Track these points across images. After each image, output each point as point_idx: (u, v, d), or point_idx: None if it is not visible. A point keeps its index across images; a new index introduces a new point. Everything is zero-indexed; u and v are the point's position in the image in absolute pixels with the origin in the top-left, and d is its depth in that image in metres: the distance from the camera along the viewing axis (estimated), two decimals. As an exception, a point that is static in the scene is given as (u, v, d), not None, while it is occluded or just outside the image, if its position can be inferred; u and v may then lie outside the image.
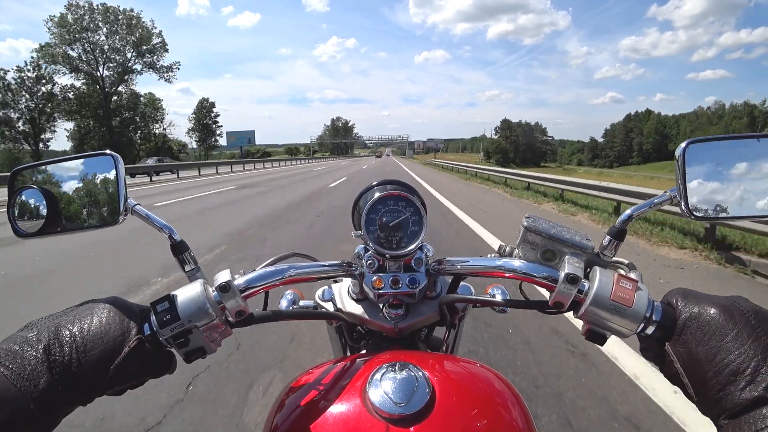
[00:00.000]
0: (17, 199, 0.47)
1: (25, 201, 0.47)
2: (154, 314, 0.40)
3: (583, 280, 0.42)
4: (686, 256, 3.91)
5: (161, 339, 0.39)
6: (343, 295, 0.58)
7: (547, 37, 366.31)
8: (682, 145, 0.43)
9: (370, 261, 0.52)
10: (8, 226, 0.48)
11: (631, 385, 1.75)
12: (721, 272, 3.46)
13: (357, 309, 0.56)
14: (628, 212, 0.45)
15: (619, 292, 0.39)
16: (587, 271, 0.44)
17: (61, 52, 36.21)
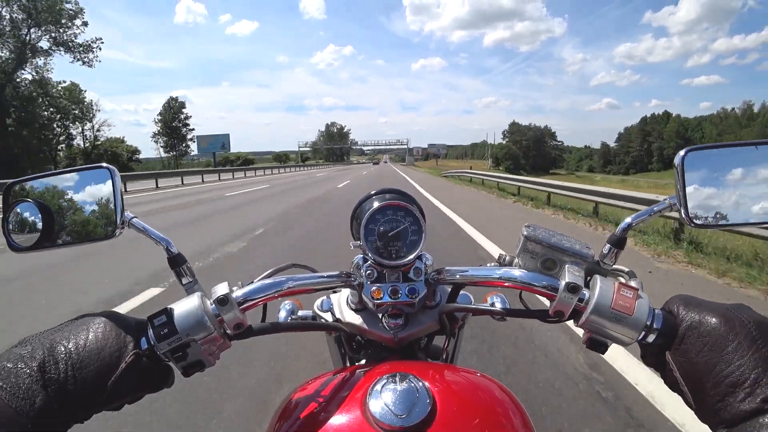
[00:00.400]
0: (12, 213, 0.47)
1: (21, 214, 0.47)
2: (151, 328, 0.40)
3: (583, 289, 0.42)
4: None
5: (159, 353, 0.40)
6: (342, 305, 0.59)
7: (544, 44, 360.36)
8: (681, 153, 0.44)
9: (369, 271, 0.53)
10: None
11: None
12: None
13: (356, 319, 0.56)
14: (628, 220, 0.46)
15: (620, 301, 0.40)
16: (587, 279, 0.44)
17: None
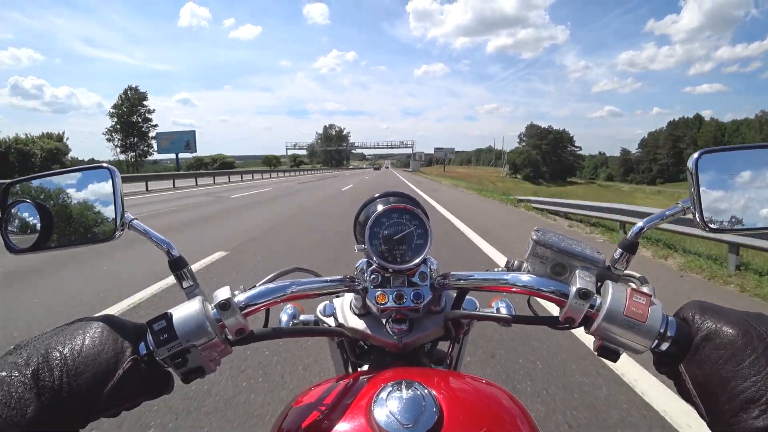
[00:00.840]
0: (10, 214, 0.47)
1: (19, 215, 0.47)
2: (150, 333, 0.40)
3: (595, 295, 0.42)
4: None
5: (158, 359, 0.39)
6: (345, 310, 0.58)
7: (546, 51, 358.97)
8: (695, 155, 0.44)
9: (374, 275, 0.52)
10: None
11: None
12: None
13: (359, 324, 0.56)
14: (640, 224, 0.45)
15: (633, 307, 0.39)
16: (598, 285, 0.44)
17: None
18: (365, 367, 0.62)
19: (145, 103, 44.45)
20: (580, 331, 0.44)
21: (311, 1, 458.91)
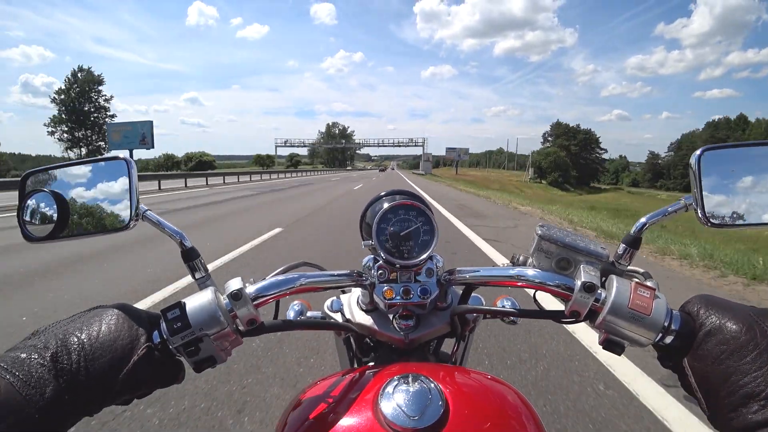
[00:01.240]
0: (28, 203, 0.48)
1: (36, 205, 0.48)
2: (164, 321, 0.41)
3: (599, 289, 0.43)
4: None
5: (171, 347, 0.41)
6: (353, 305, 0.60)
7: (554, 54, 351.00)
8: (697, 152, 0.45)
9: (381, 271, 0.54)
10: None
11: None
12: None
13: (366, 320, 0.57)
14: (643, 220, 0.46)
15: (637, 300, 0.40)
16: (603, 280, 0.45)
17: None
18: (372, 363, 0.63)
19: (100, 88, 36.69)
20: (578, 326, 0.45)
21: (318, 1, 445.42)
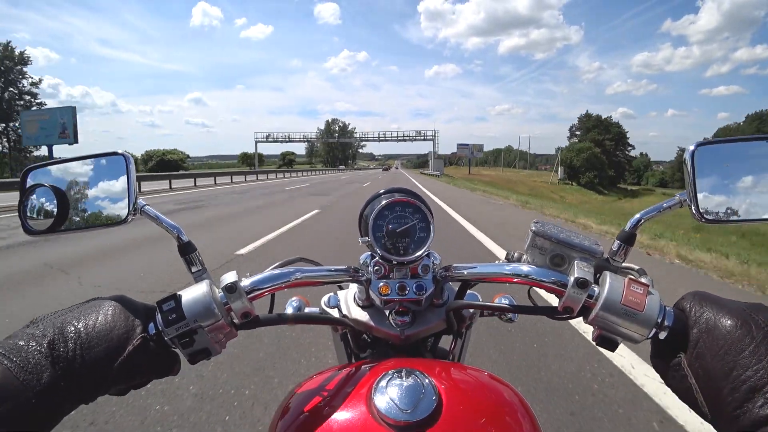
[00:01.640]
0: (28, 198, 0.50)
1: (36, 199, 0.50)
2: (159, 313, 0.42)
3: (593, 285, 0.44)
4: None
5: (166, 338, 0.42)
6: (349, 301, 0.60)
7: (559, 52, 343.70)
8: (691, 148, 0.45)
9: (377, 267, 0.54)
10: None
11: None
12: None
13: (363, 316, 0.57)
14: (638, 216, 0.47)
15: (630, 296, 0.41)
16: (597, 276, 0.46)
17: None
18: (367, 359, 0.64)
19: (25, 70, 28.29)
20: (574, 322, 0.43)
21: (323, 1, 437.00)
